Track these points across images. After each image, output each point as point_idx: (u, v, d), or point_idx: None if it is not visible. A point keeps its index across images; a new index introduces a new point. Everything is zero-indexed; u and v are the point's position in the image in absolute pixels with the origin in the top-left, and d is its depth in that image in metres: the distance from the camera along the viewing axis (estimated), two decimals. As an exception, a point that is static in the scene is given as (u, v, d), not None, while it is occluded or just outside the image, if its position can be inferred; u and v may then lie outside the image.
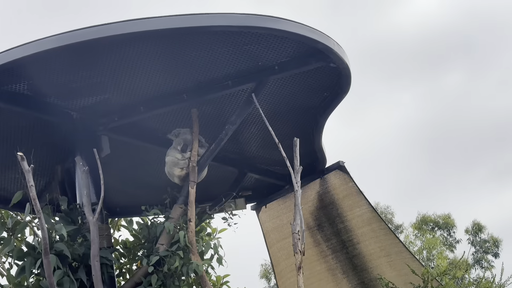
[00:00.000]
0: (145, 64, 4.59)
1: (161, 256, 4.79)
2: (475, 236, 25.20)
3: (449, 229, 24.94)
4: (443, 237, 24.49)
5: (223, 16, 4.29)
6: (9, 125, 4.96)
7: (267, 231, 6.49)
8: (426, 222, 24.35)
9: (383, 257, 6.20)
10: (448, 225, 24.82)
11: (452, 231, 25.01)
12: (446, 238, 24.69)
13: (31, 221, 6.24)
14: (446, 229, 24.90)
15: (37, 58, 4.16)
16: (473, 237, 25.20)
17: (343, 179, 6.04)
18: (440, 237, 24.10)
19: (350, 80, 5.02)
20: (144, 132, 5.34)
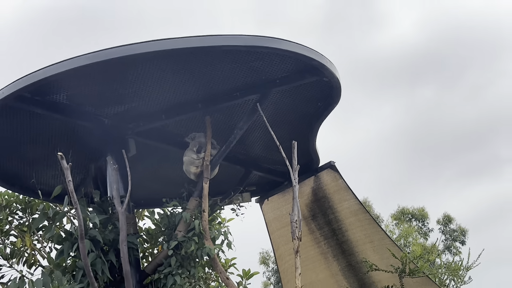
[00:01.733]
0: (165, 77, 4.58)
1: (179, 241, 4.78)
2: (445, 226, 25.16)
3: (423, 220, 24.90)
4: (418, 227, 24.44)
5: (232, 37, 4.27)
6: (50, 130, 4.95)
7: (269, 220, 6.47)
8: (404, 213, 24.32)
9: (367, 243, 6.17)
10: (423, 216, 24.78)
11: (426, 221, 24.97)
12: (420, 227, 24.63)
13: (69, 211, 6.25)
14: (421, 220, 24.85)
15: (74, 72, 4.14)
16: (443, 227, 25.15)
17: (333, 176, 6.02)
18: (415, 226, 24.05)
19: (340, 92, 5.00)
20: (165, 135, 5.32)
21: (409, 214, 24.45)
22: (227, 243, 5.30)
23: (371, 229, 6.13)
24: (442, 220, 25.27)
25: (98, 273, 4.50)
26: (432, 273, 6.44)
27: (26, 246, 6.45)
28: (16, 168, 5.39)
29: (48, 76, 4.15)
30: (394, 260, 5.87)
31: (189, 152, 5.09)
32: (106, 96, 4.73)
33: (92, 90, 4.61)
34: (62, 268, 4.66)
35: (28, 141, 5.04)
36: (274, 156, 5.83)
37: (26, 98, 4.44)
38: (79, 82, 4.46)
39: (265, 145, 5.70)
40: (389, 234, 19.27)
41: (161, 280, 4.75)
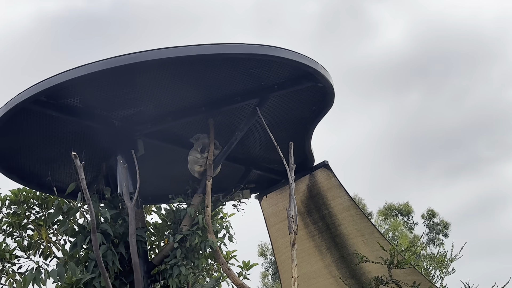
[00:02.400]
0: (172, 83, 4.58)
1: (184, 235, 4.78)
2: (429, 220, 25.18)
3: (408, 215, 24.90)
4: (404, 221, 24.43)
5: (234, 46, 4.27)
6: (65, 131, 4.96)
7: (267, 215, 6.47)
8: (391, 209, 24.32)
9: (358, 236, 6.17)
10: (408, 211, 24.78)
11: (410, 215, 24.97)
12: (406, 222, 24.63)
13: (82, 206, 6.25)
14: (406, 215, 24.85)
15: (87, 78, 4.15)
16: (427, 221, 25.18)
17: (327, 174, 6.02)
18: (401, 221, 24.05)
19: (334, 97, 5.00)
20: (171, 137, 5.33)
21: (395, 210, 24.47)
22: (228, 237, 5.30)
23: (362, 224, 6.14)
24: (426, 215, 25.31)
25: (109, 264, 4.50)
26: (418, 265, 6.44)
27: (42, 238, 6.46)
28: (33, 166, 5.39)
29: (63, 81, 4.15)
30: (383, 252, 5.87)
31: (194, 152, 5.10)
32: (117, 100, 4.73)
33: (103, 95, 4.62)
34: (75, 259, 4.66)
35: (44, 141, 5.05)
36: (272, 156, 5.83)
37: (42, 101, 4.44)
38: (92, 87, 4.46)
39: (264, 146, 5.70)
40: (378, 228, 19.28)
41: (167, 271, 4.76)
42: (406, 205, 24.80)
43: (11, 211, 6.51)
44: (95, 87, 4.48)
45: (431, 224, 25.14)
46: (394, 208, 24.47)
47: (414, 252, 6.97)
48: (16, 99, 4.33)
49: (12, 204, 6.48)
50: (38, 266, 6.21)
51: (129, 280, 4.64)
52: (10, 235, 6.51)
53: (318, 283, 6.43)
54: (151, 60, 4.11)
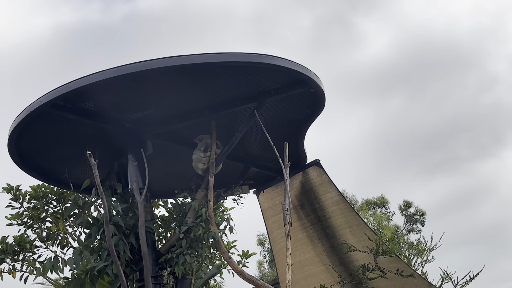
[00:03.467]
0: (177, 88, 4.56)
1: (189, 226, 4.77)
2: (406, 211, 25.26)
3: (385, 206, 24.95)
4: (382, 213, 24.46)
5: (234, 55, 4.26)
6: (80, 132, 4.93)
7: (264, 209, 6.45)
8: (368, 204, 24.34)
9: (347, 228, 6.16)
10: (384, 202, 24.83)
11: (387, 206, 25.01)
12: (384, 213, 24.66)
13: (96, 201, 6.22)
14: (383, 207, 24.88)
15: (100, 84, 4.13)
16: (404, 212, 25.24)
17: (319, 172, 6.00)
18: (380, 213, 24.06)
19: (325, 101, 4.99)
20: (177, 137, 5.30)
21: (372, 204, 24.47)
22: (229, 228, 5.28)
23: (350, 216, 6.12)
24: (403, 206, 25.41)
25: (121, 253, 4.49)
26: (401, 253, 6.44)
27: (59, 230, 6.43)
28: (51, 164, 5.37)
29: (79, 86, 4.14)
30: (369, 242, 5.86)
31: (197, 151, 5.08)
32: (127, 104, 4.71)
33: (115, 99, 4.59)
34: (90, 249, 4.65)
35: (62, 142, 5.02)
36: (269, 155, 5.79)
37: (60, 105, 4.42)
38: (105, 92, 4.44)
39: (261, 146, 5.68)
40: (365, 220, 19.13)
41: (173, 259, 4.74)
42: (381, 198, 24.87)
43: (31, 205, 6.49)
44: (108, 92, 4.45)
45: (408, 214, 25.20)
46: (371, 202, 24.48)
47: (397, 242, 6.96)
48: (36, 103, 4.31)
49: (32, 199, 6.46)
50: (56, 255, 6.18)
51: (139, 267, 4.63)
52: (30, 227, 6.49)
53: (310, 270, 6.42)
54: (159, 68, 4.09)
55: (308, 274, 6.41)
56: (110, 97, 4.54)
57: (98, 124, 4.82)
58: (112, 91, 4.45)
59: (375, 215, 22.71)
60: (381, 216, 22.68)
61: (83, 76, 4.12)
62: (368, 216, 22.55)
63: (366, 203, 24.03)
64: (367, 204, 23.78)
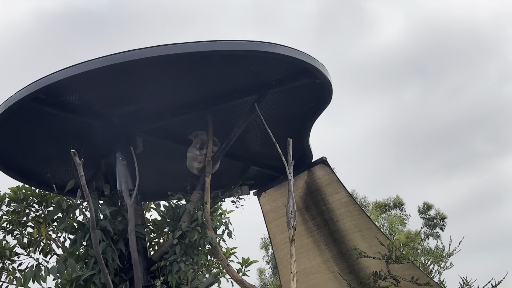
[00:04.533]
0: (170, 80, 4.57)
1: (183, 231, 4.78)
2: (425, 213, 25.18)
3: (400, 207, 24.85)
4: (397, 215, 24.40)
5: (232, 43, 4.27)
6: (64, 128, 4.95)
7: (266, 211, 6.47)
8: (379, 206, 24.26)
9: (357, 232, 6.17)
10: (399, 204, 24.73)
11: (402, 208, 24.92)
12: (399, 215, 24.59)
13: (81, 204, 6.24)
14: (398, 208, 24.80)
15: (86, 75, 4.13)
16: (424, 215, 25.18)
17: (325, 170, 6.01)
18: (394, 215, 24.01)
19: (332, 93, 4.99)
20: (170, 133, 5.32)
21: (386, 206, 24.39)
22: (227, 233, 5.30)
23: (360, 219, 6.13)
24: (422, 208, 25.28)
25: (109, 261, 4.50)
26: (416, 260, 6.45)
27: (42, 236, 6.44)
28: (32, 164, 5.38)
29: (62, 79, 4.14)
30: (382, 247, 5.87)
31: (192, 148, 5.09)
32: (115, 97, 4.72)
33: (102, 92, 4.61)
34: (75, 256, 4.66)
35: (44, 139, 5.04)
36: (271, 152, 5.80)
37: (41, 99, 4.43)
38: (90, 84, 4.45)
39: (262, 142, 5.69)
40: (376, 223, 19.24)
41: (166, 267, 4.75)
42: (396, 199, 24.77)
43: (10, 209, 6.50)
44: (94, 85, 4.46)
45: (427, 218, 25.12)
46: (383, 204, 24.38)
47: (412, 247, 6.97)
48: (15, 97, 4.31)
49: (12, 202, 6.47)
50: (38, 263, 6.18)
51: (129, 276, 4.64)
52: (10, 232, 6.49)
53: (317, 279, 6.43)
54: (150, 57, 4.09)
55: (314, 283, 6.43)
56: (96, 90, 4.55)
57: (83, 120, 4.83)
58: (99, 83, 4.46)
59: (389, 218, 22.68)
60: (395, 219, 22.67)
61: (66, 67, 4.13)
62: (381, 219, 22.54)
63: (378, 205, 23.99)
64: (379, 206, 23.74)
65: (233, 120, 5.19)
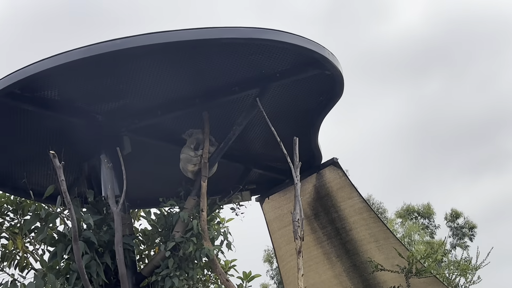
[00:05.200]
0: (161, 72, 4.57)
1: (177, 242, 4.78)
2: (452, 222, 25.12)
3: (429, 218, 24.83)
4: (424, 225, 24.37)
5: (231, 30, 4.26)
6: (42, 127, 4.94)
7: (270, 220, 6.47)
8: (410, 212, 24.24)
9: (372, 242, 6.17)
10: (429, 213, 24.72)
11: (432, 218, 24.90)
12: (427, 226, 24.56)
13: (62, 212, 6.23)
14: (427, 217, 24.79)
15: (66, 67, 4.12)
16: (451, 223, 25.12)
17: (337, 173, 6.01)
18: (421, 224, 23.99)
19: (343, 86, 4.99)
20: (161, 132, 5.31)
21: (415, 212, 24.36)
22: (226, 244, 5.29)
23: (376, 228, 6.13)
24: (450, 216, 25.21)
25: (93, 276, 4.49)
26: (440, 273, 6.45)
27: (17, 248, 6.44)
28: (6, 167, 5.38)
29: (39, 71, 4.13)
30: (400, 259, 5.88)
31: (186, 149, 5.08)
32: (99, 92, 4.71)
33: (84, 86, 4.60)
34: (55, 271, 4.65)
35: (19, 139, 5.03)
36: (275, 153, 5.81)
37: (16, 94, 4.42)
38: (71, 78, 4.44)
39: (265, 142, 5.69)
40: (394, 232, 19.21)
41: (158, 283, 4.75)
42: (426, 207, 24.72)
43: (-18, 218, 6.50)
44: (75, 78, 4.46)
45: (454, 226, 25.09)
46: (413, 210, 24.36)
47: (435, 259, 6.97)
48: (-14, 92, 4.31)
49: (-16, 210, 6.47)
50: (14, 279, 6.19)
51: (116, 293, 4.63)
52: (-18, 244, 6.50)
53: (328, 295, 6.44)
54: (138, 47, 4.08)
55: (325, 300, 6.44)
56: (78, 84, 4.55)
57: (63, 117, 4.82)
58: (81, 77, 4.46)
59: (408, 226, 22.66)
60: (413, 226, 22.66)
61: (44, 58, 4.12)
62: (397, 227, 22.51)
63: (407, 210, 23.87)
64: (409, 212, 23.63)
65: (232, 117, 5.18)
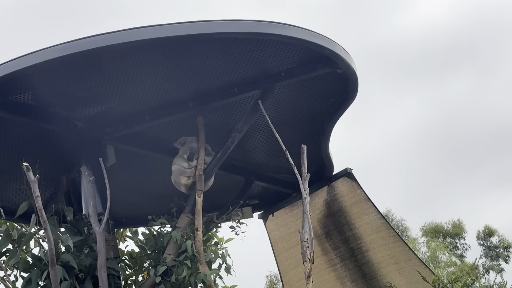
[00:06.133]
0: (150, 72, 4.59)
1: (168, 266, 4.78)
2: (485, 240, 25.00)
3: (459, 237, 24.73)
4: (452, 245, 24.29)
5: (228, 23, 4.28)
6: (14, 136, 4.96)
7: (275, 240, 6.47)
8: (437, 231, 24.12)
9: (392, 264, 6.17)
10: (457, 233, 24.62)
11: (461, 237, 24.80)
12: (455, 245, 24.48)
13: (37, 232, 6.25)
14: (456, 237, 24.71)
15: (41, 67, 4.15)
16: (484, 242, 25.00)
17: (350, 186, 6.02)
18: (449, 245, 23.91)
19: (357, 86, 5.01)
20: (150, 141, 5.33)
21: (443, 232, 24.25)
22: (225, 268, 5.30)
23: (396, 248, 6.13)
24: (482, 234, 25.09)
25: (73, 306, 4.50)
26: (470, 300, 6.45)
27: (-14, 274, 6.45)
28: (-27, 182, 5.40)
29: (11, 72, 4.16)
30: (425, 284, 5.86)
31: (179, 159, 5.10)
32: (80, 96, 4.73)
33: (62, 89, 4.62)
34: (30, 300, 4.66)
35: (-12, 149, 5.06)
36: (280, 163, 5.84)
37: (-16, 99, 4.46)
38: (48, 79, 4.46)
39: (268, 150, 5.70)
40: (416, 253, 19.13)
41: (147, 313, 4.76)
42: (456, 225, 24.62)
43: None
44: (52, 79, 4.48)
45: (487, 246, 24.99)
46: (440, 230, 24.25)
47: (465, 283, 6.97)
48: (-50, 96, 4.35)
49: None
50: (-18, 309, 6.20)
51: (99, 325, 4.64)
52: None
53: (342, 326, 6.44)
54: (124, 43, 4.12)
55: (338, 331, 6.43)
56: (55, 86, 4.57)
57: (38, 124, 4.84)
58: (58, 78, 4.48)
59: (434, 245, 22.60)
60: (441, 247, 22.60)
61: (16, 57, 4.15)
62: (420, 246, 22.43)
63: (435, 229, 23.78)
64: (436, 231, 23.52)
65: (231, 123, 5.21)
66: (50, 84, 4.53)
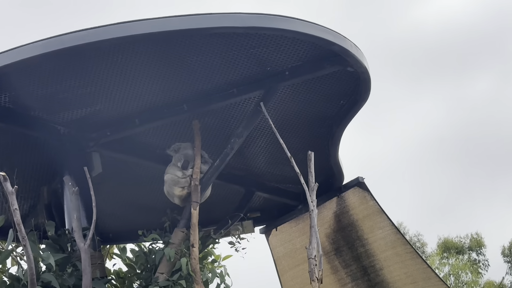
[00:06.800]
0: (140, 71, 4.58)
1: (161, 287, 4.77)
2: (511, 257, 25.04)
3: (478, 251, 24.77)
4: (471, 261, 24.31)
5: (226, 16, 4.28)
6: (-11, 142, 4.97)
7: (278, 257, 6.46)
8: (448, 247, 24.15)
9: (409, 284, 6.16)
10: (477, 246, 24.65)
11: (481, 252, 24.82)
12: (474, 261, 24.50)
13: (14, 249, 6.23)
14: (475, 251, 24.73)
15: (19, 66, 4.16)
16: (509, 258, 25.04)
17: (363, 197, 6.01)
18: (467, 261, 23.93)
19: (370, 86, 5.00)
20: (140, 147, 5.33)
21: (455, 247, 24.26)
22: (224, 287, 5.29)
23: (413, 266, 6.12)
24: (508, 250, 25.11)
25: (55, 331, 4.49)
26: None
27: (-41, 296, 6.45)
28: None
29: (-15, 72, 4.16)
30: (445, 306, 5.86)
31: (172, 168, 5.09)
32: (62, 97, 4.73)
33: (43, 90, 4.62)
34: (7, 325, 4.65)
35: (-40, 158, 5.06)
36: (284, 172, 5.83)
37: (-44, 101, 4.46)
38: (26, 79, 4.46)
39: (271, 158, 5.70)
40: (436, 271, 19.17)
41: (138, 339, 4.75)
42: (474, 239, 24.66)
43: None
44: (31, 80, 4.48)
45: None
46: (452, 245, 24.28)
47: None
48: None
49: None
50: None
51: None
52: None
53: None
54: (110, 39, 4.11)
55: None
56: (34, 87, 4.57)
57: (16, 130, 4.85)
58: (38, 78, 4.48)
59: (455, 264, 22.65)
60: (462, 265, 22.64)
61: (-9, 55, 4.15)
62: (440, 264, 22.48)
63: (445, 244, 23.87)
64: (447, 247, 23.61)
65: (229, 127, 5.20)
66: (29, 84, 4.52)
